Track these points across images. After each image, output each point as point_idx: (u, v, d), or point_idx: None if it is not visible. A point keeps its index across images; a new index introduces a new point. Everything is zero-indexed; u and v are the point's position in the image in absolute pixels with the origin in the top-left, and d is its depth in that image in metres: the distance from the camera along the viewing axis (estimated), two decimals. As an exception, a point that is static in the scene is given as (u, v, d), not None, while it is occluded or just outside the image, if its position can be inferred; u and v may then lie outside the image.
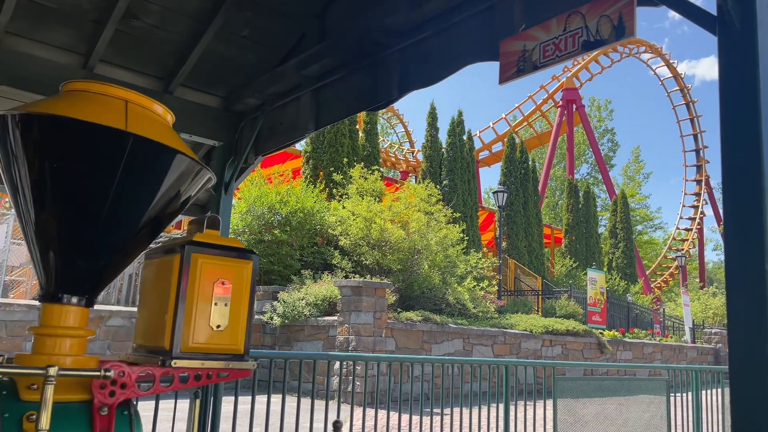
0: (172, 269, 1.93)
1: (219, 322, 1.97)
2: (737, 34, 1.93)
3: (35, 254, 1.82)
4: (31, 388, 1.74)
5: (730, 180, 1.97)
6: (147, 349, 2.03)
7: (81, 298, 1.87)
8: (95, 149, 1.74)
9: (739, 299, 1.95)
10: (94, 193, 1.77)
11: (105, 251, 1.87)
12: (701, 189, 43.07)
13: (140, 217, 1.89)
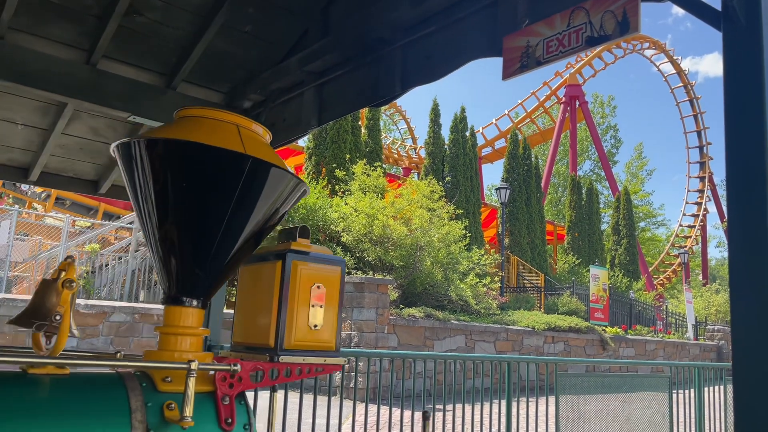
0: (274, 275, 2.20)
1: (316, 322, 2.23)
2: (742, 30, 1.92)
3: (159, 264, 2.09)
4: (166, 381, 1.96)
5: (734, 177, 1.97)
6: (246, 346, 2.30)
7: (197, 301, 2.11)
8: (219, 171, 1.97)
9: (743, 296, 1.94)
10: (212, 211, 2.03)
11: (218, 261, 2.11)
12: (705, 186, 42.96)
13: (249, 230, 2.12)
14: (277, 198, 2.12)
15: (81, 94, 4.21)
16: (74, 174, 5.56)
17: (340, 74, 3.95)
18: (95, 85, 4.23)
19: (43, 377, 1.79)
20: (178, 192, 1.98)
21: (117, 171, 5.43)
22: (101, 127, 5.07)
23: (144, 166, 1.97)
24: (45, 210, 17.39)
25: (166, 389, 1.93)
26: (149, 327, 10.91)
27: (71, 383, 1.86)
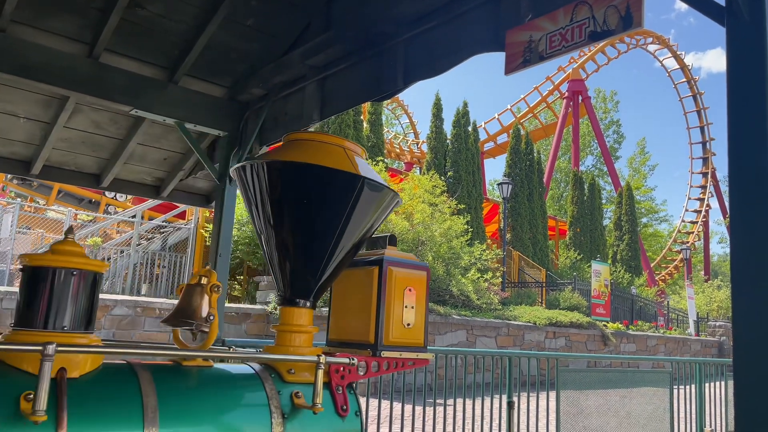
0: (372, 279, 2.47)
1: (409, 321, 2.50)
2: (746, 25, 1.92)
3: (276, 270, 2.37)
4: (290, 372, 2.26)
5: (737, 172, 1.96)
6: (343, 342, 2.57)
7: (308, 302, 2.38)
8: (335, 190, 2.24)
9: (744, 292, 1.94)
10: (325, 225, 2.30)
11: (328, 268, 2.38)
12: (707, 181, 42.88)
13: (355, 240, 2.39)
14: (381, 211, 2.43)
15: (83, 88, 4.21)
16: (76, 167, 5.57)
17: (342, 68, 3.94)
18: (97, 79, 4.23)
19: (195, 368, 2.12)
20: (296, 209, 2.29)
21: (119, 164, 5.43)
22: (103, 121, 5.07)
23: (262, 185, 2.27)
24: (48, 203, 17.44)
25: (292, 380, 2.26)
26: (151, 320, 10.94)
27: (219, 374, 2.23)
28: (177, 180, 5.72)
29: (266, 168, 2.24)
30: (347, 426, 2.30)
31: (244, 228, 15.26)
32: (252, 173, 2.29)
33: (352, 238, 2.37)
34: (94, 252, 13.69)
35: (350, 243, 2.39)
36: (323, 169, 2.21)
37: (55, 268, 1.86)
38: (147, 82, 4.47)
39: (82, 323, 1.91)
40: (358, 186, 2.25)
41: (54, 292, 1.86)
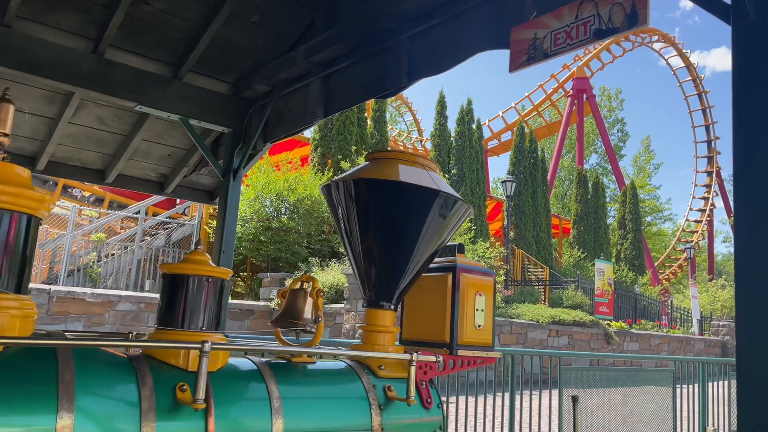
0: (446, 285, 2.76)
1: (479, 323, 2.79)
2: (751, 24, 1.91)
3: (362, 276, 2.65)
4: (380, 369, 2.55)
5: (742, 171, 1.95)
6: (417, 341, 2.86)
7: (391, 305, 2.65)
8: (417, 205, 2.50)
9: (748, 291, 1.94)
10: (409, 236, 2.55)
11: (409, 274, 2.64)
12: (712, 180, 42.72)
13: (433, 249, 2.63)
14: (456, 222, 2.66)
15: (88, 83, 4.22)
16: (81, 163, 5.58)
17: (347, 65, 3.94)
18: (102, 75, 4.24)
19: (302, 364, 2.42)
20: (382, 221, 2.56)
21: (123, 160, 5.45)
22: (108, 117, 5.08)
23: (351, 200, 2.55)
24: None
25: (383, 375, 2.56)
26: (155, 316, 10.98)
27: (323, 369, 2.56)
28: (181, 176, 5.73)
29: (354, 185, 2.54)
30: (432, 416, 2.64)
31: (247, 225, 15.29)
32: (341, 189, 2.57)
33: (431, 247, 2.64)
34: (98, 248, 13.72)
35: (429, 252, 2.67)
36: (408, 186, 2.49)
37: (191, 276, 2.16)
38: (151, 78, 4.48)
39: (213, 323, 2.18)
40: (439, 201, 2.52)
41: (191, 296, 2.15)
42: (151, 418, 1.87)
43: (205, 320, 2.16)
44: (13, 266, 1.81)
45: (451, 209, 2.59)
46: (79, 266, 13.19)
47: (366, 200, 2.54)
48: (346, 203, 2.58)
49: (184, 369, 2.01)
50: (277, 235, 15.13)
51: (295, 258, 15.22)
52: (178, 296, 2.16)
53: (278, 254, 15.19)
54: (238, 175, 4.97)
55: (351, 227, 2.60)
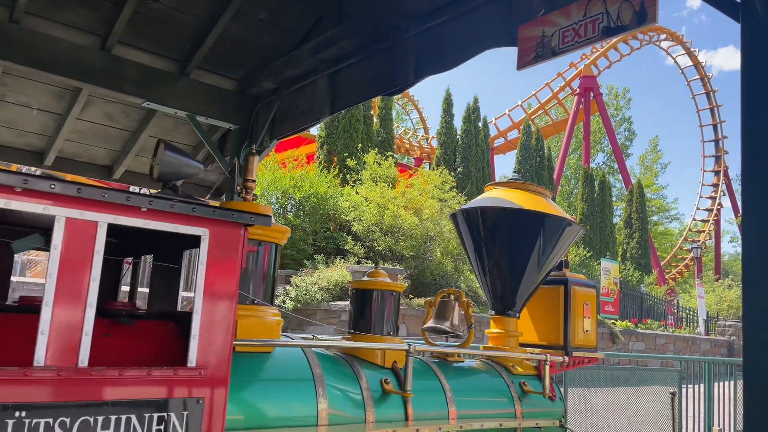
0: (559, 295, 3.44)
1: (587, 328, 3.45)
2: (761, 22, 1.90)
3: (491, 289, 3.33)
4: (513, 367, 3.24)
5: (750, 170, 1.95)
6: (532, 344, 3.53)
7: (516, 313, 3.34)
8: (540, 229, 3.13)
9: (755, 292, 1.93)
10: (533, 255, 3.16)
11: (531, 286, 3.28)
12: (719, 180, 42.47)
13: (550, 267, 3.28)
14: (570, 241, 3.25)
15: (96, 80, 4.24)
16: (88, 159, 5.61)
17: (353, 62, 3.94)
18: (110, 71, 4.26)
19: (454, 362, 3.14)
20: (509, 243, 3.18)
21: (131, 157, 5.47)
22: (115, 113, 5.10)
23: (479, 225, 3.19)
24: None
25: (516, 372, 3.25)
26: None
27: (471, 367, 3.24)
28: (188, 173, 5.74)
29: (481, 212, 3.20)
30: (556, 407, 3.35)
31: (253, 221, 15.31)
32: (471, 216, 3.24)
33: (550, 264, 3.24)
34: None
35: (549, 268, 3.26)
36: (532, 213, 3.10)
37: (376, 290, 2.82)
38: (159, 74, 4.49)
39: (395, 329, 2.83)
40: (559, 224, 3.13)
41: (378, 307, 2.78)
42: (371, 404, 2.54)
43: (390, 326, 2.80)
44: (267, 284, 2.47)
45: (567, 230, 3.18)
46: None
47: (494, 226, 3.17)
48: (475, 228, 3.22)
49: (381, 366, 2.70)
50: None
51: (300, 255, 15.25)
52: (367, 307, 2.80)
53: (284, 251, 15.21)
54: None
55: (480, 248, 3.26)
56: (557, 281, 3.44)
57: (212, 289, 1.86)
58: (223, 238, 1.88)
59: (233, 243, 1.90)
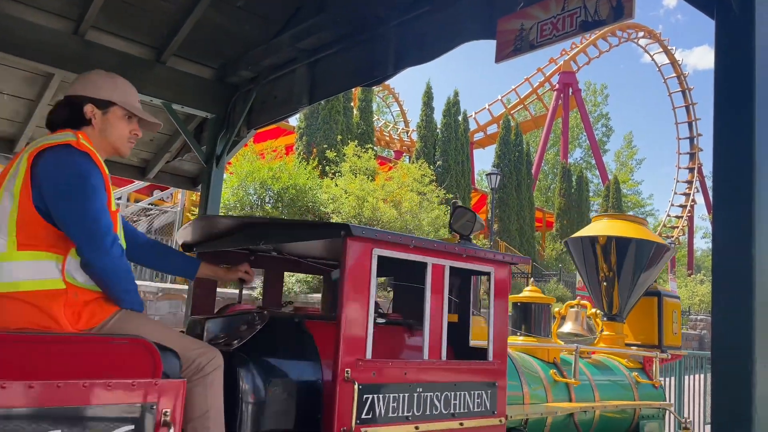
0: (654, 305, 4.52)
1: (675, 331, 4.51)
2: (735, 19, 1.92)
3: (604, 298, 4.42)
4: (626, 361, 4.41)
5: (722, 168, 1.97)
6: (632, 344, 4.56)
7: (623, 318, 4.47)
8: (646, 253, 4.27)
9: (725, 287, 1.97)
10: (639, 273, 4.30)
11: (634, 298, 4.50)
12: (693, 177, 43.20)
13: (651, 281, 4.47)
14: (666, 260, 4.42)
15: (68, 65, 4.14)
16: (61, 146, 5.49)
17: (333, 52, 3.91)
18: (83, 57, 4.16)
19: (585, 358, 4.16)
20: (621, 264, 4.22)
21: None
22: (89, 100, 4.99)
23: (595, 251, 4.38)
24: None
25: (629, 366, 4.35)
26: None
27: (600, 361, 4.27)
28: (163, 162, 5.66)
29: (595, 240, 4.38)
30: (660, 393, 4.38)
31: (231, 212, 15.20)
32: (585, 243, 4.43)
33: (651, 279, 4.34)
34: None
35: (648, 283, 4.37)
36: (639, 240, 4.19)
37: (536, 303, 3.99)
38: (134, 61, 4.41)
39: (549, 332, 4.04)
40: (658, 249, 4.22)
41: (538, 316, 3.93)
42: (549, 388, 3.62)
43: (547, 330, 3.89)
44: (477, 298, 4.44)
45: (666, 254, 4.31)
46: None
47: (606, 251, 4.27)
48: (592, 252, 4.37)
49: (547, 360, 3.78)
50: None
51: (278, 247, 15.15)
52: (529, 315, 3.90)
53: (262, 243, 15.09)
54: (221, 162, 4.92)
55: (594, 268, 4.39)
56: (652, 293, 4.48)
57: (499, 306, 2.78)
58: (500, 273, 2.84)
59: (506, 276, 2.89)
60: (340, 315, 2.26)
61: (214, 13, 4.21)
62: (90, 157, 1.94)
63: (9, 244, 1.85)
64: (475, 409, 2.65)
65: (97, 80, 2.15)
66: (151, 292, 11.22)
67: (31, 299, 1.83)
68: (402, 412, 2.38)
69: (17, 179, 1.87)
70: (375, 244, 2.36)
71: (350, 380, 2.23)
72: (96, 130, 2.09)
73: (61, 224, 1.87)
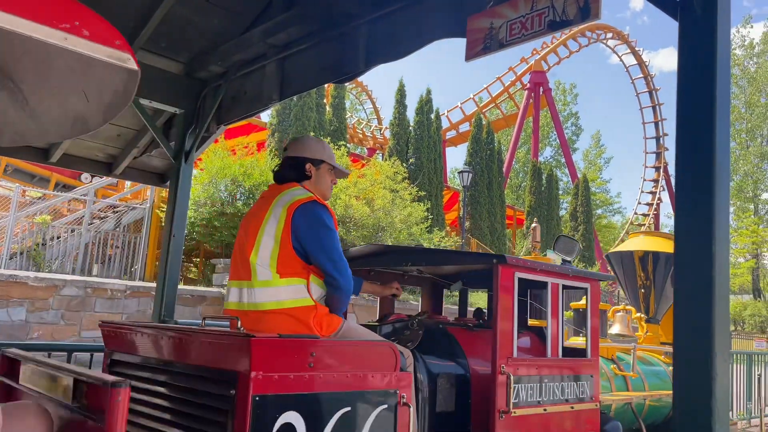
0: None
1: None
2: (698, 20, 1.96)
3: (641, 304, 5.67)
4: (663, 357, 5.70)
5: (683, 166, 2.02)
6: (668, 342, 5.32)
7: (659, 321, 5.92)
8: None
9: (686, 282, 2.01)
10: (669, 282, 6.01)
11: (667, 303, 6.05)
12: (659, 176, 44.14)
13: None
14: None
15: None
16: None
17: (304, 48, 3.88)
18: (46, 49, 4.06)
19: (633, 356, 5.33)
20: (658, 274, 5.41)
21: (69, 140, 5.24)
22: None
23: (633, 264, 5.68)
24: None
25: (666, 361, 5.55)
26: (102, 301, 10.67)
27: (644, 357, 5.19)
28: (131, 157, 5.55)
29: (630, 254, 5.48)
30: None
31: (201, 209, 15.01)
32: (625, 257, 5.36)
33: None
34: (43, 230, 13.23)
35: None
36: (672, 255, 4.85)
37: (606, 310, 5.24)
38: (100, 54, 4.31)
39: (605, 332, 4.87)
40: None
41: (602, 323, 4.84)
42: (612, 381, 4.55)
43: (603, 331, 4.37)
44: None
45: None
46: (23, 249, 12.68)
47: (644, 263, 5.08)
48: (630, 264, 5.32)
49: (606, 357, 4.42)
50: (231, 221, 14.89)
51: (249, 244, 15.01)
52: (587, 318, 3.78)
53: (233, 240, 14.95)
54: (190, 158, 4.85)
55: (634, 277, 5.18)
56: None
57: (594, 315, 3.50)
58: (594, 288, 3.52)
59: (598, 290, 3.56)
60: (495, 323, 2.94)
61: (183, 7, 4.14)
62: (327, 208, 2.65)
63: (272, 273, 2.50)
64: (580, 395, 3.38)
65: (312, 144, 2.87)
66: (119, 289, 11.02)
67: (293, 313, 2.47)
68: (534, 397, 3.09)
69: (278, 225, 2.55)
70: (517, 269, 3.08)
71: (505, 373, 2.92)
72: (312, 182, 2.80)
73: (313, 258, 2.54)
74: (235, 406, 1.96)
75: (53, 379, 1.93)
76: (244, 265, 2.58)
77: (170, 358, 2.29)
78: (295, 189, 2.67)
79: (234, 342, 2.02)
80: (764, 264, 47.78)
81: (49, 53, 1.55)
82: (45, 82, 1.84)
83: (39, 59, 1.68)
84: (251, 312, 2.52)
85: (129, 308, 11.11)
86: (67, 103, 1.92)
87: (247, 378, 1.94)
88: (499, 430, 2.89)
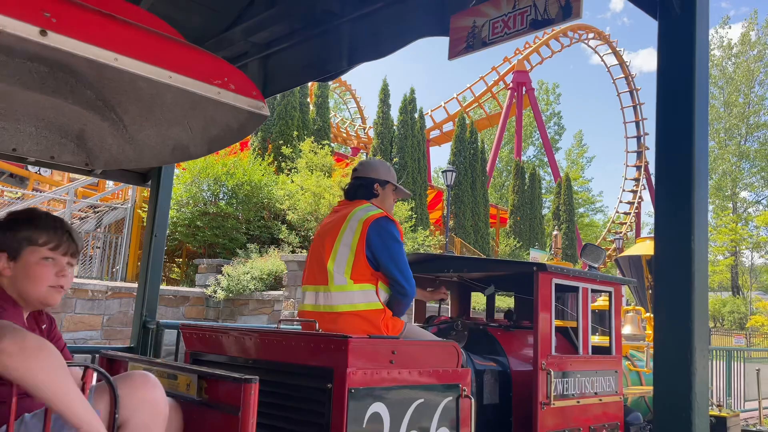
0: None
1: None
2: (677, 19, 1.99)
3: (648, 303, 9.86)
4: None
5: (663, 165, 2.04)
6: None
7: None
8: None
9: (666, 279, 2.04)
10: None
11: None
12: (641, 175, 44.67)
13: None
14: None
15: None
16: None
17: (286, 46, 3.86)
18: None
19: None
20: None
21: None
22: (31, 92, 4.79)
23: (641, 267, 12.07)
24: None
25: None
26: (83, 302, 10.54)
27: None
28: (111, 157, 5.48)
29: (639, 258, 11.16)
30: None
31: (183, 209, 14.88)
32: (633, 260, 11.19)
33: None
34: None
35: None
36: None
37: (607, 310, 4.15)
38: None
39: None
40: None
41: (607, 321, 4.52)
42: (627, 376, 4.99)
43: None
44: None
45: None
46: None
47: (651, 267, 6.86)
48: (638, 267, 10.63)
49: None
50: (214, 221, 14.79)
51: (233, 244, 14.93)
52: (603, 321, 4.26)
53: (215, 240, 14.86)
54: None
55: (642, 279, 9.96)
56: None
57: (617, 316, 3.89)
58: (617, 291, 3.93)
59: (620, 293, 3.97)
60: (536, 324, 3.28)
61: (163, 4, 4.10)
62: (396, 223, 2.95)
63: (347, 279, 2.79)
64: (607, 389, 3.74)
65: (379, 167, 3.21)
66: (100, 290, 10.90)
67: (365, 315, 2.75)
68: (569, 390, 3.44)
69: (354, 236, 2.83)
70: (554, 276, 3.42)
71: (546, 369, 3.26)
72: (379, 200, 3.11)
73: (383, 267, 2.83)
74: (332, 398, 2.22)
75: (172, 377, 2.15)
76: (321, 271, 2.87)
77: (261, 357, 2.57)
78: (367, 205, 2.99)
79: (331, 342, 2.29)
80: (743, 261, 48.60)
81: (158, 91, 1.71)
82: (149, 114, 1.97)
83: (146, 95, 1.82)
84: (326, 313, 2.81)
85: (110, 309, 10.99)
86: (169, 132, 2.02)
87: (344, 373, 2.20)
88: (542, 419, 3.22)
